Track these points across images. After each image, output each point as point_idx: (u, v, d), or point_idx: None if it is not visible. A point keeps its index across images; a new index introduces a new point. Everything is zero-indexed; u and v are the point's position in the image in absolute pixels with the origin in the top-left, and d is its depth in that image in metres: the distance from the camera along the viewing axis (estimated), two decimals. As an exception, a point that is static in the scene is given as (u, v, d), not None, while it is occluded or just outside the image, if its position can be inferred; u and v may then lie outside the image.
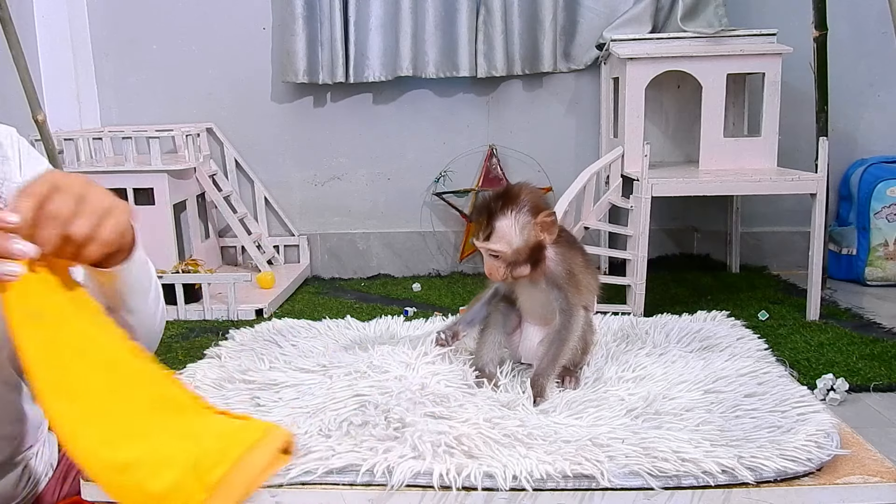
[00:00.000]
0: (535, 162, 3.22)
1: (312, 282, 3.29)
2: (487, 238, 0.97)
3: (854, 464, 0.80)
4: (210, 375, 1.04)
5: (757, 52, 2.64)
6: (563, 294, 0.99)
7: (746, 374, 1.00)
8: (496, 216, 0.97)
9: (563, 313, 0.99)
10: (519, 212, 0.96)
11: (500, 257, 0.97)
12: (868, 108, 3.18)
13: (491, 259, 0.98)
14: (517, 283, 1.03)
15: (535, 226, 0.97)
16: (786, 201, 3.14)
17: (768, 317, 2.54)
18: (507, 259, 0.97)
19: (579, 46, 3.15)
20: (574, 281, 1.00)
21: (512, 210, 0.96)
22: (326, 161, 3.33)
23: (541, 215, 0.97)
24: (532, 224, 0.97)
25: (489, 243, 0.97)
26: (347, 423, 0.86)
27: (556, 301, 1.00)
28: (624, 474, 0.77)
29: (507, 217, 0.96)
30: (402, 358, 1.03)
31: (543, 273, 1.00)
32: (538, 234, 0.98)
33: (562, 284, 0.99)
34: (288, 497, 0.79)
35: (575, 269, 1.01)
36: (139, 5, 3.23)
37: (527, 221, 0.97)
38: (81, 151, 2.86)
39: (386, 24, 3.09)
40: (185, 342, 2.43)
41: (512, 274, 0.98)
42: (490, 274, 0.99)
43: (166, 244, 2.87)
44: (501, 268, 0.97)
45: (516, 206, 0.96)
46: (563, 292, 0.99)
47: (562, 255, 1.00)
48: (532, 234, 0.97)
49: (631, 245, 2.53)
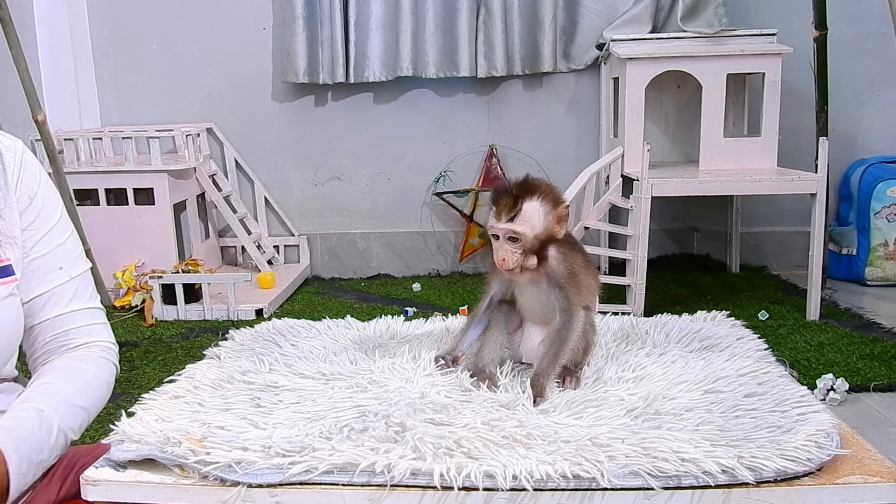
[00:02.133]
0: (535, 162, 3.21)
1: (312, 282, 3.29)
2: (512, 219, 0.97)
3: (854, 464, 0.80)
4: (209, 376, 1.04)
5: (757, 52, 2.64)
6: (564, 294, 1.00)
7: (746, 374, 1.00)
8: (524, 199, 0.97)
9: (564, 313, 0.99)
10: (544, 198, 0.98)
11: (519, 241, 0.97)
12: (868, 108, 3.18)
13: (507, 245, 0.97)
14: (518, 283, 1.03)
15: (553, 216, 0.98)
16: (786, 201, 3.14)
17: (768, 317, 2.54)
18: (527, 244, 0.97)
19: (579, 46, 3.15)
20: (575, 281, 1.00)
21: (538, 196, 0.97)
22: (326, 161, 3.33)
23: (560, 206, 0.98)
24: (552, 214, 0.98)
25: (513, 224, 0.96)
26: (349, 429, 0.86)
27: (556, 301, 1.00)
28: (624, 474, 0.77)
29: (534, 201, 0.97)
30: (402, 374, 1.03)
31: (545, 272, 1.00)
32: (554, 226, 0.99)
33: (563, 284, 0.99)
34: (288, 497, 0.79)
35: (576, 269, 1.01)
36: (139, 5, 3.23)
37: (548, 210, 0.98)
38: (81, 151, 2.86)
39: (386, 24, 3.09)
40: (185, 342, 2.43)
41: (523, 264, 0.97)
42: (503, 261, 0.98)
43: (166, 244, 2.87)
44: (517, 254, 0.97)
45: (541, 193, 0.98)
46: (564, 292, 0.99)
47: (563, 255, 1.00)
48: (550, 224, 0.98)
49: (631, 245, 2.53)
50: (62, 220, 1.01)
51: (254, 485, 0.79)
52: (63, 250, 0.99)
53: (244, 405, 0.95)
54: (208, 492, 0.81)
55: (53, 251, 0.98)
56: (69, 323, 0.99)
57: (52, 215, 0.99)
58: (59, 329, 0.99)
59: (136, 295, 2.74)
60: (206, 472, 0.81)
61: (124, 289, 2.78)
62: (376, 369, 1.06)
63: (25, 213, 0.96)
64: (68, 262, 1.00)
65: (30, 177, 0.97)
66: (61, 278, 0.98)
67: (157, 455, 0.83)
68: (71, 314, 0.99)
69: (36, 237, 0.97)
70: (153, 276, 2.69)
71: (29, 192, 0.96)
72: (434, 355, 1.06)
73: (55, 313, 0.98)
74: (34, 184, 0.97)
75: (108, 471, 0.85)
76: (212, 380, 1.02)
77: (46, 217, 0.98)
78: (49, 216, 0.99)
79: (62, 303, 0.99)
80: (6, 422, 0.86)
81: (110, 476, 0.84)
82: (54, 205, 1.00)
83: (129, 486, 0.83)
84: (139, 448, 0.85)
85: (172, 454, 0.83)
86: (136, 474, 0.84)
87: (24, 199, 0.96)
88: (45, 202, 0.98)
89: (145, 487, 0.82)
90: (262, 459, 0.81)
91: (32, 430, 0.87)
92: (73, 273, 1.00)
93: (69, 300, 0.99)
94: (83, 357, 0.99)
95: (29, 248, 0.96)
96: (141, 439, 0.85)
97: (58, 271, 0.98)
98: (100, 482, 0.83)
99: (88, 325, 1.01)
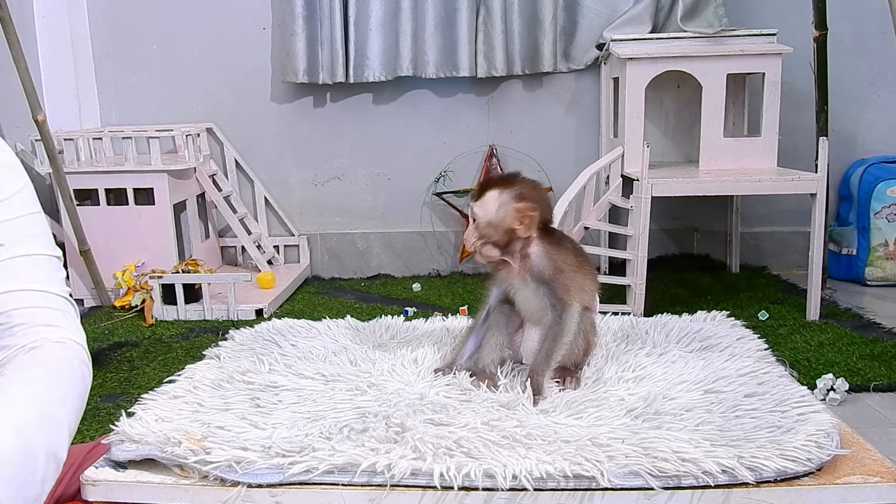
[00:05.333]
0: (535, 162, 3.21)
1: (312, 282, 3.29)
2: (475, 200, 1.06)
3: (854, 464, 0.80)
4: (209, 376, 1.04)
5: (757, 52, 2.64)
6: (551, 289, 1.01)
7: (746, 374, 1.00)
8: (491, 188, 1.05)
9: (553, 309, 1.01)
10: (505, 192, 1.03)
11: (476, 224, 1.05)
12: (868, 108, 3.18)
13: (471, 226, 1.05)
14: (514, 285, 1.05)
15: (513, 211, 1.01)
16: (786, 201, 3.14)
17: (768, 317, 2.54)
18: (480, 229, 1.03)
19: (579, 46, 3.15)
20: (561, 277, 1.01)
21: (502, 189, 1.04)
22: (326, 161, 3.33)
23: (521, 204, 1.02)
24: (512, 209, 1.01)
25: (474, 205, 1.05)
26: (348, 429, 0.86)
27: (545, 297, 1.01)
28: (624, 474, 0.77)
29: (496, 191, 1.04)
30: (402, 375, 1.03)
31: (529, 269, 1.02)
32: (512, 221, 1.02)
33: (547, 279, 1.01)
34: (288, 497, 0.79)
35: (563, 266, 1.02)
36: (139, 5, 3.23)
37: (507, 203, 1.02)
38: (81, 151, 2.86)
39: (386, 24, 3.09)
40: (185, 342, 2.43)
41: (481, 250, 1.04)
42: (465, 239, 1.06)
43: (166, 244, 2.87)
44: (473, 236, 1.04)
45: (506, 188, 1.04)
46: (549, 287, 1.01)
47: (546, 252, 1.02)
48: (508, 218, 1.02)
49: (631, 245, 2.53)
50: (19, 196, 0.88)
51: (254, 485, 0.79)
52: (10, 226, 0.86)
53: (244, 405, 0.95)
54: (208, 492, 0.81)
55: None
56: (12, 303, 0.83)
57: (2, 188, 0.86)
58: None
59: (136, 295, 2.74)
60: (206, 472, 0.81)
61: (124, 289, 2.78)
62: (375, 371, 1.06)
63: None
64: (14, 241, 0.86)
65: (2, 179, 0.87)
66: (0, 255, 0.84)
67: (157, 455, 0.83)
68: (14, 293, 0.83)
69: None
70: (153, 276, 2.69)
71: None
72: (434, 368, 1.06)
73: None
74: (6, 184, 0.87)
75: (108, 471, 0.85)
76: (211, 380, 1.03)
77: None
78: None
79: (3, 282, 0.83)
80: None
81: (110, 476, 0.84)
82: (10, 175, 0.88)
83: (129, 486, 0.83)
84: (139, 448, 0.85)
85: (172, 454, 0.83)
86: (136, 474, 0.84)
87: None
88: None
89: (145, 487, 0.82)
90: (262, 459, 0.81)
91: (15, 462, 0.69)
92: (16, 252, 0.85)
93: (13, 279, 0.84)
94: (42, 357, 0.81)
95: None
96: (141, 439, 0.85)
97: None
98: (100, 482, 0.83)
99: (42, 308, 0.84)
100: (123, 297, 2.78)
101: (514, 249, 1.03)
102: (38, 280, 0.86)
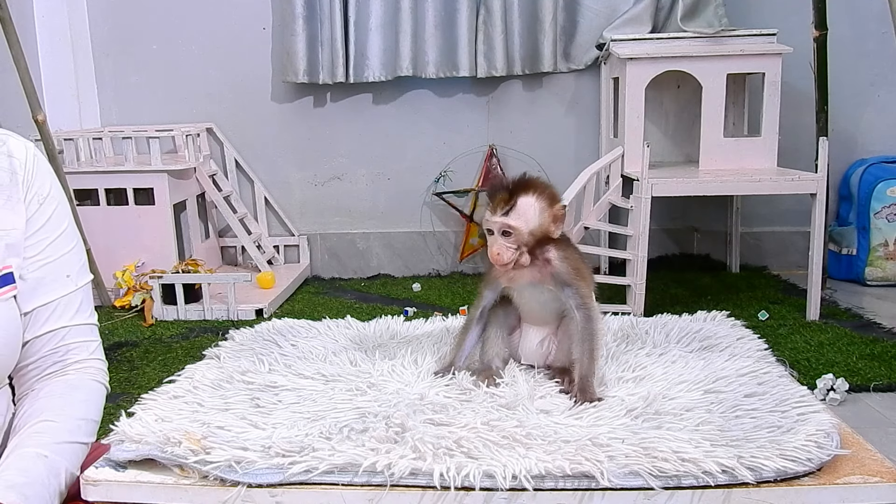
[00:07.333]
0: (535, 162, 3.21)
1: (312, 282, 3.29)
2: (507, 213, 0.97)
3: (854, 464, 0.80)
4: (209, 376, 1.04)
5: (757, 52, 2.63)
6: (575, 290, 1.00)
7: (746, 374, 1.00)
8: (519, 194, 0.98)
9: (581, 309, 0.99)
10: (539, 195, 0.98)
11: (513, 236, 0.97)
12: (868, 108, 3.18)
13: (502, 240, 0.97)
14: (517, 285, 1.04)
15: (549, 214, 0.99)
16: (786, 201, 3.14)
17: (768, 317, 2.54)
18: (521, 239, 0.97)
19: (579, 46, 3.15)
20: (581, 275, 1.01)
21: (534, 192, 0.98)
22: (326, 161, 3.33)
23: (556, 206, 0.99)
24: (548, 212, 0.98)
25: (508, 218, 0.97)
26: (348, 429, 0.86)
27: (570, 299, 0.99)
28: (624, 474, 0.77)
29: (530, 196, 0.98)
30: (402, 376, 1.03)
31: (550, 273, 1.00)
32: (549, 224, 0.99)
33: (570, 281, 1.00)
34: (288, 497, 0.79)
35: (579, 265, 1.02)
36: (139, 5, 3.23)
37: (544, 207, 0.99)
38: (81, 151, 2.86)
39: (386, 24, 3.09)
40: (185, 342, 2.43)
41: (518, 260, 0.98)
42: (497, 255, 0.98)
43: (166, 244, 2.87)
44: (511, 249, 0.97)
45: (537, 190, 0.99)
46: (574, 288, 1.00)
47: (564, 254, 1.01)
48: (545, 222, 0.98)
49: (631, 245, 2.53)
50: (71, 226, 0.97)
51: (254, 485, 0.79)
52: (71, 258, 0.95)
53: (244, 405, 0.95)
54: (208, 492, 0.81)
55: (62, 258, 0.94)
56: (70, 337, 0.94)
57: (61, 220, 0.96)
58: (60, 343, 0.94)
59: (136, 295, 2.74)
60: (206, 472, 0.81)
61: (124, 289, 2.78)
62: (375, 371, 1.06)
63: (34, 218, 0.92)
64: (75, 271, 0.95)
65: (41, 181, 0.94)
66: (68, 287, 0.94)
67: (157, 455, 0.83)
68: (73, 328, 0.95)
69: (44, 243, 0.93)
70: (153, 276, 2.69)
71: (39, 198, 0.93)
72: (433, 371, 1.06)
73: (59, 325, 0.93)
74: (45, 188, 0.94)
75: (108, 471, 0.85)
76: (211, 380, 1.02)
77: (56, 222, 0.95)
78: (59, 221, 0.95)
79: (67, 315, 0.94)
80: (16, 478, 0.81)
81: (110, 476, 0.84)
82: (64, 210, 0.97)
83: (129, 486, 0.83)
84: (139, 448, 0.85)
85: (172, 454, 0.83)
86: (136, 474, 0.84)
87: (34, 204, 0.93)
88: (56, 207, 0.95)
89: (145, 487, 0.82)
90: (261, 459, 0.81)
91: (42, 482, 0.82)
92: (79, 283, 0.96)
93: (74, 312, 0.95)
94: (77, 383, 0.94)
95: (35, 255, 0.92)
96: (141, 439, 0.85)
97: (65, 279, 0.94)
98: (100, 482, 0.83)
99: (87, 341, 0.96)
100: (123, 297, 2.78)
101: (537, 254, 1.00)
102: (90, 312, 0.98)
